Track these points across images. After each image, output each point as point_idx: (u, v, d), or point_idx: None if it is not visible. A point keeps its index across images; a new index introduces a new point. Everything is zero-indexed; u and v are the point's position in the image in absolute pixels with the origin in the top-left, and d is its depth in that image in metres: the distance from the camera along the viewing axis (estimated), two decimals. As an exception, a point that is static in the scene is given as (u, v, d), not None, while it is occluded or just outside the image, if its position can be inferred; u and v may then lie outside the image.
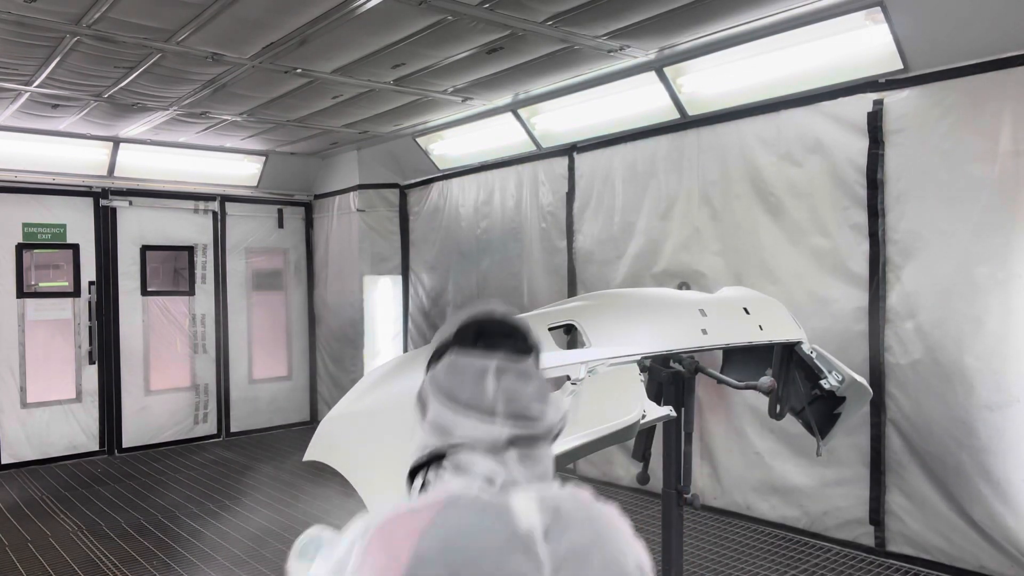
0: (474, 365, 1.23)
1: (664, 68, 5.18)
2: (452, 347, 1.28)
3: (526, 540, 1.11)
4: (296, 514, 5.70)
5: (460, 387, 1.22)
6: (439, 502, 1.15)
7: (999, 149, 3.95)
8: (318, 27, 4.47)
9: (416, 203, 8.23)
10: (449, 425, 1.22)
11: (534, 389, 1.23)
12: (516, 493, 1.16)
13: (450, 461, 1.22)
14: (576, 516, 1.18)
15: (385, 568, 1.07)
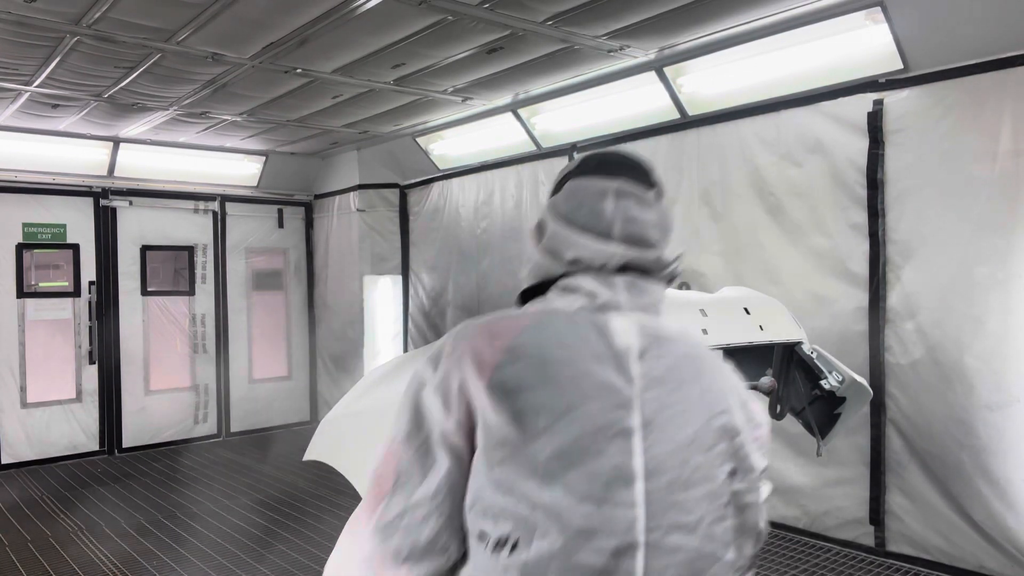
0: (594, 186, 1.24)
1: (664, 68, 5.18)
2: (573, 175, 1.30)
3: (620, 355, 1.10)
4: (296, 514, 5.70)
5: (578, 208, 1.23)
6: (542, 311, 1.18)
7: (999, 149, 3.95)
8: (318, 27, 4.47)
9: (416, 203, 8.22)
10: (563, 246, 1.21)
11: (654, 218, 1.24)
12: (617, 315, 1.16)
13: (560, 283, 1.21)
14: (678, 347, 1.16)
15: (480, 352, 1.09)
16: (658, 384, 1.10)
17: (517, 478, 1.03)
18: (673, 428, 1.08)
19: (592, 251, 1.19)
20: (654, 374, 1.10)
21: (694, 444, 1.08)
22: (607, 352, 1.10)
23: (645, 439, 1.06)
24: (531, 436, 1.03)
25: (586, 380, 1.07)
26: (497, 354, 1.08)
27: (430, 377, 1.12)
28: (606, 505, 1.02)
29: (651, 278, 1.22)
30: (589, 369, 1.08)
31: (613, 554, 1.01)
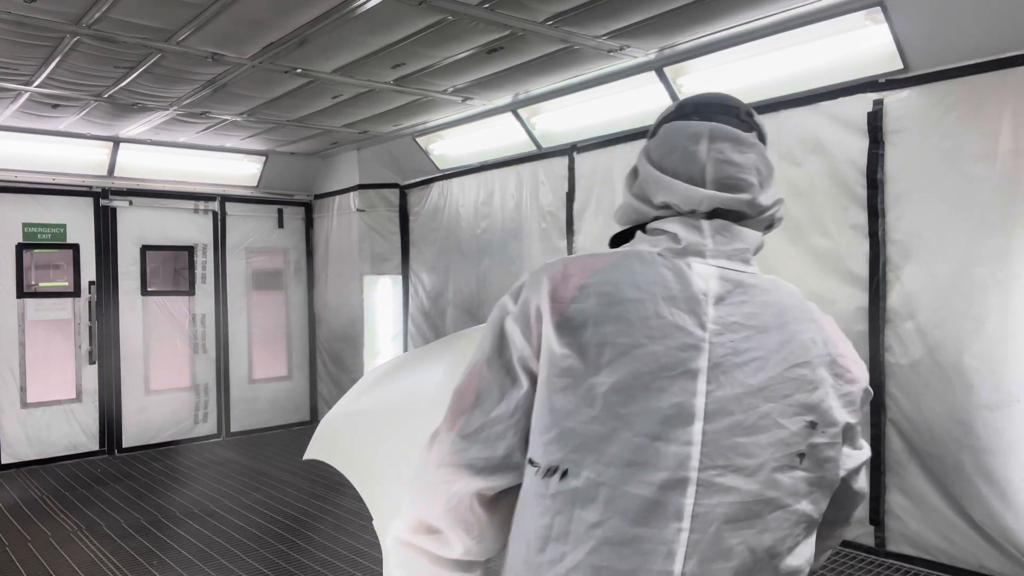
0: (688, 129, 1.22)
1: (664, 68, 5.18)
2: (670, 119, 1.28)
3: (695, 298, 1.11)
4: (296, 514, 5.70)
5: (671, 152, 1.22)
6: (622, 252, 1.19)
7: (999, 149, 3.95)
8: (318, 27, 4.47)
9: (416, 203, 8.23)
10: (653, 190, 1.21)
11: (751, 161, 1.21)
12: (699, 260, 1.15)
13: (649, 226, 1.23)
14: (762, 295, 1.15)
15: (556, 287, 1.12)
16: (732, 330, 1.10)
17: (575, 407, 1.06)
18: (743, 374, 1.08)
19: (682, 195, 1.18)
20: (730, 320, 1.11)
21: (765, 391, 1.08)
22: (682, 295, 1.11)
23: (710, 382, 1.07)
24: (593, 369, 1.07)
25: (655, 320, 1.09)
26: (571, 290, 1.11)
27: (511, 307, 1.16)
28: (660, 441, 1.04)
29: (745, 223, 1.20)
30: (659, 310, 1.10)
31: (661, 487, 1.03)
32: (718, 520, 1.04)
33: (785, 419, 1.08)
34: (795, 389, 1.10)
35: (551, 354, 1.10)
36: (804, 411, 1.10)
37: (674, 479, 1.03)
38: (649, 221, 1.23)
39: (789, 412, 1.09)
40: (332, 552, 4.89)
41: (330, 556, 4.83)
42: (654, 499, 1.03)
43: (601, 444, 1.05)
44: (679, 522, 1.03)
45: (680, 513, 1.03)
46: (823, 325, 1.18)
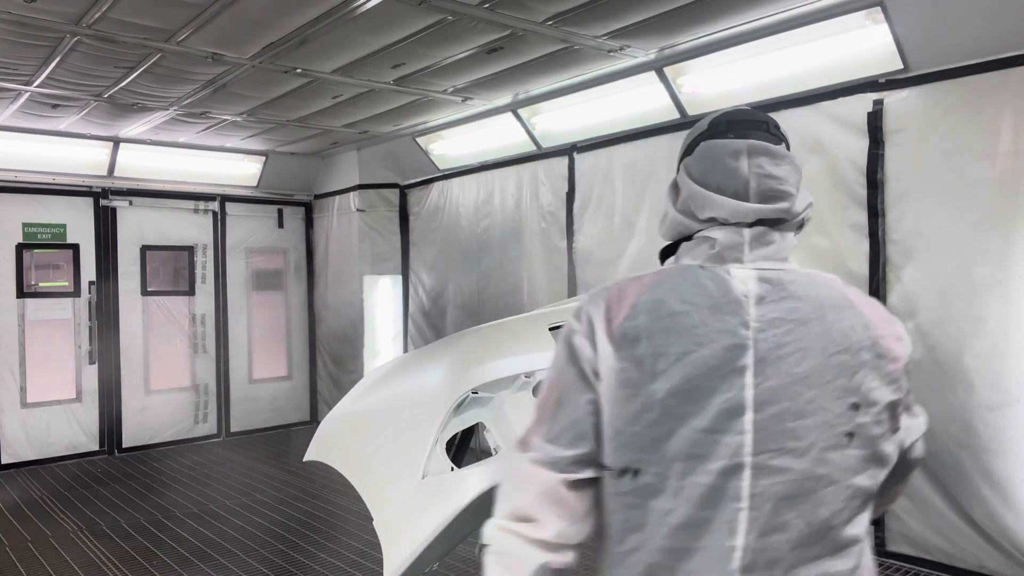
0: (727, 147, 1.32)
1: (664, 68, 5.18)
2: (705, 137, 1.37)
3: (737, 302, 1.23)
4: (296, 514, 5.70)
5: (712, 169, 1.32)
6: (665, 270, 1.34)
7: (999, 149, 3.95)
8: (318, 27, 4.47)
9: (416, 203, 8.23)
10: (699, 206, 1.32)
11: (786, 172, 1.34)
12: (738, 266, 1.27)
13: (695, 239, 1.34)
14: (800, 289, 1.27)
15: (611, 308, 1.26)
16: (774, 325, 1.21)
17: (637, 414, 1.19)
18: (787, 365, 1.19)
19: (729, 210, 1.28)
20: (770, 316, 1.22)
21: (809, 379, 1.19)
22: (724, 300, 1.23)
23: (757, 375, 1.18)
24: (649, 377, 1.19)
25: (702, 328, 1.20)
26: (625, 309, 1.25)
27: (576, 326, 1.29)
28: (716, 433, 1.17)
29: (782, 227, 1.32)
30: (705, 318, 1.21)
31: (721, 473, 1.16)
32: (774, 498, 1.16)
33: (829, 403, 1.19)
34: (837, 374, 1.20)
35: (611, 368, 1.22)
36: (847, 394, 1.20)
37: (731, 465, 1.16)
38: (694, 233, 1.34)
39: (833, 396, 1.19)
40: (332, 552, 4.90)
41: (330, 556, 4.83)
42: (715, 485, 1.16)
43: (663, 443, 1.18)
44: (738, 502, 1.15)
45: (739, 495, 1.15)
46: (862, 311, 1.27)
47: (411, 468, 1.94)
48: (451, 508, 1.83)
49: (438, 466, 1.94)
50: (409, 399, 2.22)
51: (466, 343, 2.44)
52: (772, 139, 1.36)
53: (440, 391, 2.10)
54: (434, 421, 2.00)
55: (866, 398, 1.21)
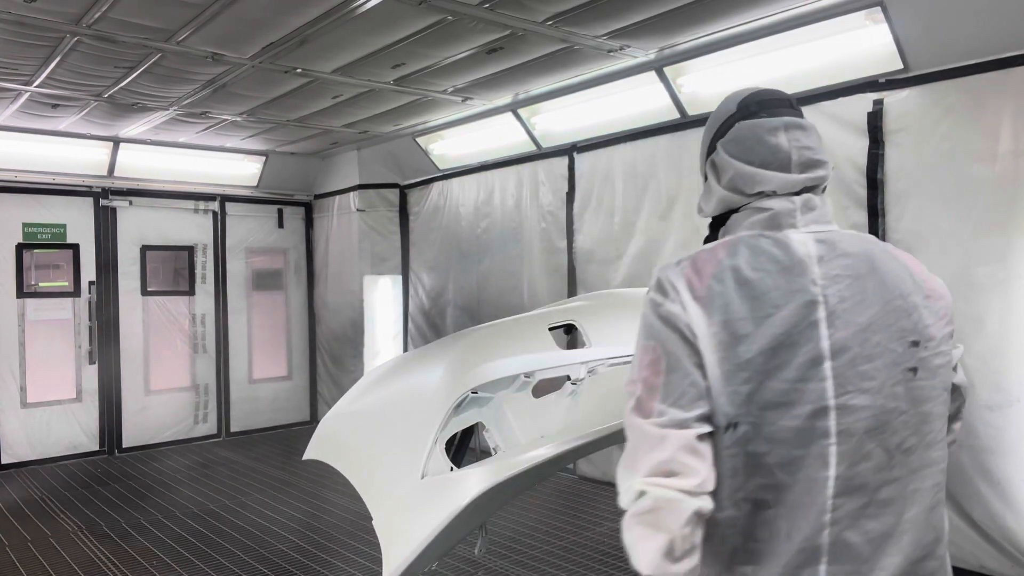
0: (764, 126, 1.47)
1: (664, 68, 5.18)
2: (738, 118, 1.51)
3: (802, 263, 1.36)
4: (295, 514, 5.70)
5: (755, 147, 1.46)
6: (732, 240, 1.42)
7: (999, 149, 3.95)
8: (318, 27, 4.47)
9: (416, 203, 8.23)
10: (746, 182, 1.45)
11: (815, 142, 1.48)
12: (794, 231, 1.41)
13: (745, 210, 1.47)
14: (851, 247, 1.41)
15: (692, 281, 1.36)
16: (837, 281, 1.36)
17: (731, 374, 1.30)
18: (853, 315, 1.34)
19: (777, 183, 1.43)
20: (832, 274, 1.36)
21: (873, 326, 1.35)
22: (791, 263, 1.36)
23: (829, 327, 1.33)
24: (737, 340, 1.31)
25: (777, 290, 1.34)
26: (705, 279, 1.35)
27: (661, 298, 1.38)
28: (801, 382, 1.31)
29: (820, 192, 1.47)
30: (778, 282, 1.35)
31: (809, 416, 1.30)
32: (857, 432, 1.32)
33: (892, 344, 1.35)
34: (896, 319, 1.37)
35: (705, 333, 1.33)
36: (906, 334, 1.37)
37: (817, 408, 1.30)
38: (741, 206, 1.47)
39: (895, 337, 1.36)
40: (332, 552, 4.89)
41: (329, 556, 4.83)
42: (804, 427, 1.30)
43: (755, 396, 1.30)
44: (827, 439, 1.31)
45: (827, 433, 1.31)
46: (905, 262, 1.44)
47: (411, 468, 1.94)
48: (451, 508, 1.83)
49: (438, 466, 1.94)
50: (409, 399, 2.22)
51: (466, 343, 2.44)
52: (797, 114, 1.50)
53: (440, 391, 2.10)
54: (434, 421, 2.00)
55: (923, 335, 1.38)
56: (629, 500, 1.30)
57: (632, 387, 1.37)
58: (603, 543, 4.93)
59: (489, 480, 1.90)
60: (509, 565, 4.60)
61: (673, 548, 1.26)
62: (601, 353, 2.46)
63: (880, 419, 1.34)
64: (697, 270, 1.38)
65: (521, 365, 2.26)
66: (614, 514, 4.91)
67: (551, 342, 2.43)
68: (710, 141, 1.57)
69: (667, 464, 1.29)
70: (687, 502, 1.27)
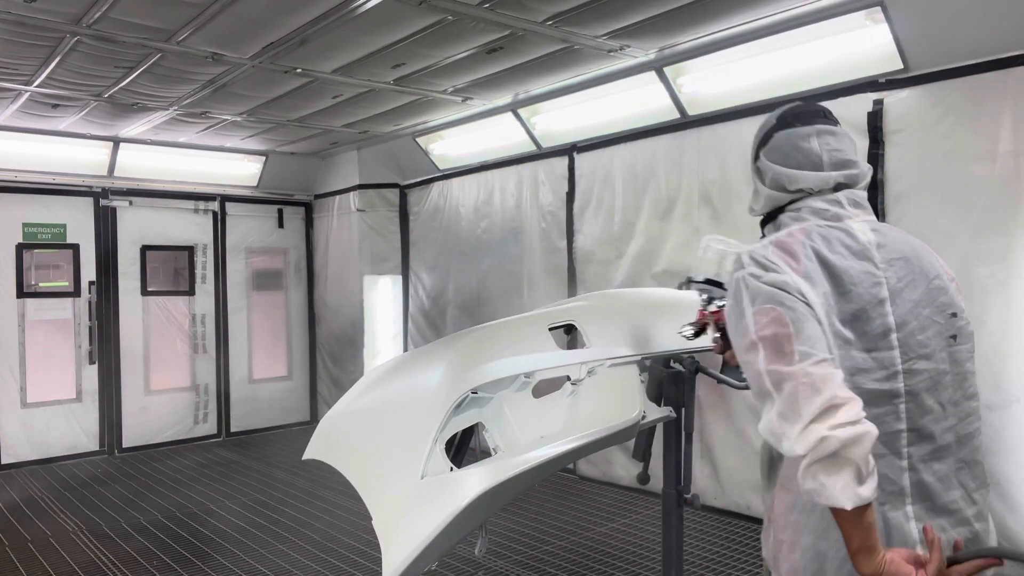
0: (799, 134, 1.75)
1: (664, 68, 5.18)
2: (776, 129, 1.80)
3: (866, 249, 1.64)
4: (296, 513, 5.70)
5: (792, 152, 1.74)
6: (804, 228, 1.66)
7: (999, 149, 3.95)
8: (318, 27, 4.47)
9: (416, 203, 8.23)
10: (787, 181, 1.73)
11: (848, 144, 1.75)
12: (854, 222, 1.69)
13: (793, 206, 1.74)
14: (896, 235, 1.71)
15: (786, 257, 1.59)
16: (892, 265, 1.64)
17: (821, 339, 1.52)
18: (908, 293, 1.63)
19: (814, 181, 1.71)
20: (889, 258, 1.64)
21: (922, 302, 1.63)
22: (858, 248, 1.63)
23: (892, 304, 1.61)
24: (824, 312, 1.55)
25: (852, 271, 1.60)
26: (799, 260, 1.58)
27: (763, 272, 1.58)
28: (875, 351, 1.58)
29: (859, 188, 1.74)
30: (852, 264, 1.61)
31: (885, 379, 1.58)
32: (921, 391, 1.59)
33: (937, 316, 1.65)
34: (937, 295, 1.66)
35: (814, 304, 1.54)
36: (945, 308, 1.66)
37: (889, 373, 1.58)
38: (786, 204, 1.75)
39: (938, 311, 1.65)
40: (332, 552, 4.89)
41: (330, 556, 4.82)
42: (879, 389, 1.57)
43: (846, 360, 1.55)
44: (898, 399, 1.58)
45: (898, 393, 1.58)
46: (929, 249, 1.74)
47: (410, 468, 1.94)
48: (451, 508, 1.83)
49: (437, 466, 1.94)
50: (409, 399, 2.22)
51: (466, 343, 2.44)
52: (830, 123, 1.77)
53: (440, 391, 2.10)
54: (434, 421, 2.00)
55: (957, 307, 1.68)
56: (807, 447, 1.40)
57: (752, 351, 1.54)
58: (603, 543, 4.93)
59: (489, 480, 1.89)
60: (509, 565, 4.60)
61: (860, 474, 1.40)
62: (601, 353, 2.46)
63: (934, 379, 1.61)
64: (786, 250, 1.60)
65: (521, 365, 2.26)
66: (614, 514, 4.89)
67: (551, 342, 2.43)
68: (755, 150, 1.84)
69: (831, 401, 1.41)
70: (870, 433, 1.40)
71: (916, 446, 1.59)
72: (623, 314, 2.81)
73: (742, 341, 1.57)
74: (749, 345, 1.54)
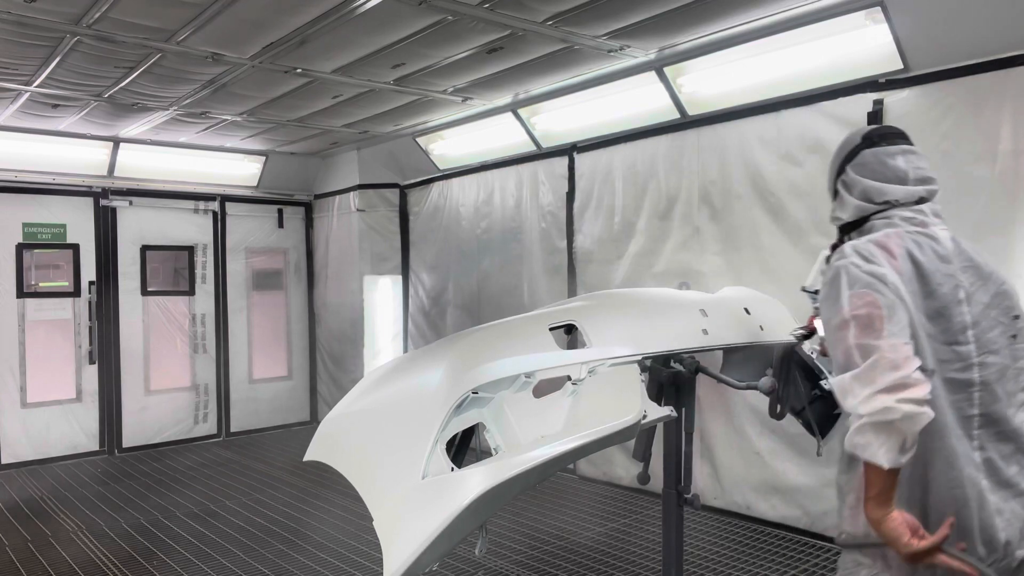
0: (887, 152, 2.00)
1: (664, 68, 5.18)
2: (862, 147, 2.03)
3: (948, 254, 1.90)
4: (296, 513, 5.70)
5: (881, 168, 1.99)
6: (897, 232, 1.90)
7: (999, 149, 3.95)
8: (318, 27, 4.47)
9: (416, 203, 8.23)
10: (876, 194, 1.98)
11: (926, 163, 2.02)
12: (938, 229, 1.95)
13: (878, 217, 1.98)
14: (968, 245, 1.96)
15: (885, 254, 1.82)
16: (966, 271, 1.89)
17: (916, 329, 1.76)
18: (979, 296, 1.88)
19: (900, 193, 1.97)
20: (964, 265, 1.90)
21: (990, 304, 1.89)
22: (943, 253, 1.88)
23: (968, 305, 1.86)
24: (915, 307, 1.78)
25: (938, 273, 1.84)
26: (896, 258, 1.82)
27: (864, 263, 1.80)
28: (955, 345, 1.82)
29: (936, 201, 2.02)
30: (937, 266, 1.85)
31: (962, 369, 1.82)
32: (992, 381, 1.84)
33: (1002, 317, 1.90)
34: (1002, 300, 1.92)
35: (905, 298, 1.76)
36: (1009, 311, 1.92)
37: (966, 365, 1.82)
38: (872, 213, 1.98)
39: (1003, 313, 1.91)
40: (332, 552, 4.89)
41: (330, 556, 4.83)
42: (958, 378, 1.82)
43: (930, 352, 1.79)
44: (973, 387, 1.83)
45: (973, 383, 1.83)
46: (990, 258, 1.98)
47: (411, 468, 1.94)
48: (451, 508, 1.83)
49: (438, 466, 1.94)
50: (409, 399, 2.21)
51: (466, 343, 2.44)
52: (908, 143, 2.03)
53: (440, 391, 2.10)
54: (434, 421, 2.00)
55: (1018, 309, 1.93)
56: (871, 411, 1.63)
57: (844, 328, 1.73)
58: (603, 543, 4.93)
59: (490, 480, 1.89)
60: (509, 565, 4.60)
61: (904, 445, 1.65)
62: (601, 353, 2.45)
63: (1001, 372, 1.86)
64: (885, 248, 1.83)
65: (522, 365, 2.26)
66: (614, 514, 4.89)
67: (551, 342, 2.43)
68: (839, 165, 2.07)
69: (904, 379, 1.63)
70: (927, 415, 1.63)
71: (984, 429, 1.83)
72: (623, 314, 2.81)
73: (835, 319, 1.77)
74: (841, 323, 1.75)
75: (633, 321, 2.76)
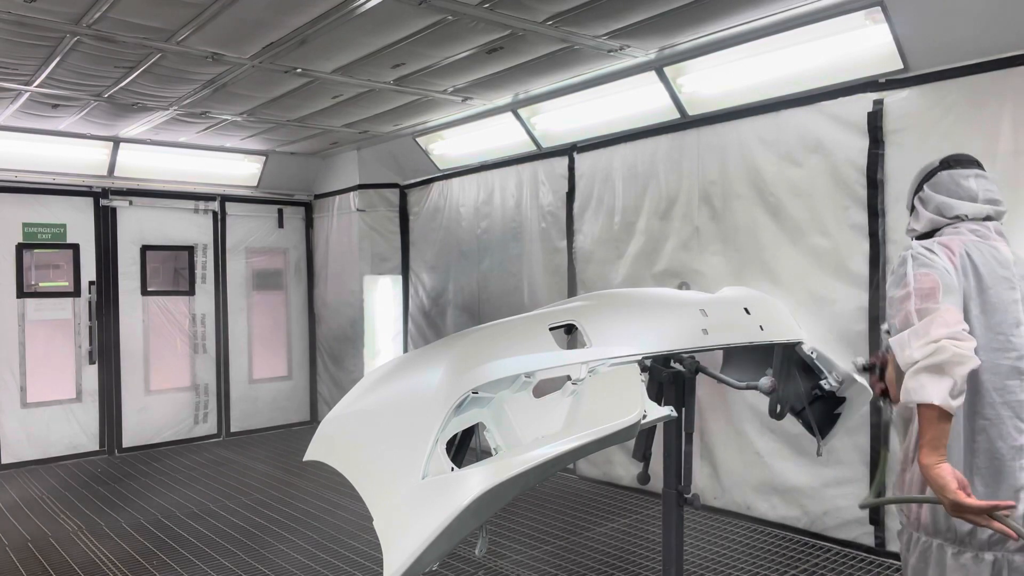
0: (961, 174, 2.30)
1: (664, 68, 5.18)
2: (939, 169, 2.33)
3: (1008, 261, 2.16)
4: (295, 513, 5.70)
5: (955, 188, 2.28)
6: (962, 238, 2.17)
7: (999, 149, 3.95)
8: (318, 27, 4.47)
9: (416, 203, 8.23)
10: (948, 209, 2.27)
11: (994, 186, 2.30)
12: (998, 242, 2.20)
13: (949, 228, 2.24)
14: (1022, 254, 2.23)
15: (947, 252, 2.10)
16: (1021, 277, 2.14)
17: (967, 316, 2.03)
18: None
19: (969, 209, 2.25)
20: (1018, 270, 2.15)
21: None
22: (1001, 259, 2.15)
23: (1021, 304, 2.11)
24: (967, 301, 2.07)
25: (991, 276, 2.11)
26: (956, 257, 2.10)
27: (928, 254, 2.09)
28: (1007, 336, 2.08)
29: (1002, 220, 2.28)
30: (993, 269, 2.12)
31: (1017, 359, 2.08)
32: None
33: None
34: None
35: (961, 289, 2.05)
36: None
37: (1020, 355, 2.08)
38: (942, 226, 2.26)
39: None
40: (332, 552, 4.90)
41: (330, 556, 4.83)
42: (1013, 366, 2.08)
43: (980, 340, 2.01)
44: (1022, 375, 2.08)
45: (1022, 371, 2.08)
46: None
47: (411, 468, 1.94)
48: (451, 508, 1.83)
49: (438, 466, 1.94)
50: (409, 399, 2.21)
51: (466, 343, 2.44)
52: (981, 168, 2.32)
53: (440, 391, 2.10)
54: (434, 421, 2.00)
55: None
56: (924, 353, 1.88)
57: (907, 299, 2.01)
58: (603, 543, 4.94)
59: (490, 481, 1.89)
60: (509, 565, 4.60)
61: (954, 388, 1.86)
62: (602, 353, 2.45)
63: None
64: (947, 247, 2.11)
65: (522, 365, 2.26)
66: (614, 514, 4.90)
67: (551, 342, 2.43)
68: (918, 184, 2.37)
69: (955, 334, 1.89)
70: (974, 360, 1.88)
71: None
72: (623, 314, 2.81)
73: (900, 292, 2.05)
74: (905, 295, 2.03)
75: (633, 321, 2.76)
